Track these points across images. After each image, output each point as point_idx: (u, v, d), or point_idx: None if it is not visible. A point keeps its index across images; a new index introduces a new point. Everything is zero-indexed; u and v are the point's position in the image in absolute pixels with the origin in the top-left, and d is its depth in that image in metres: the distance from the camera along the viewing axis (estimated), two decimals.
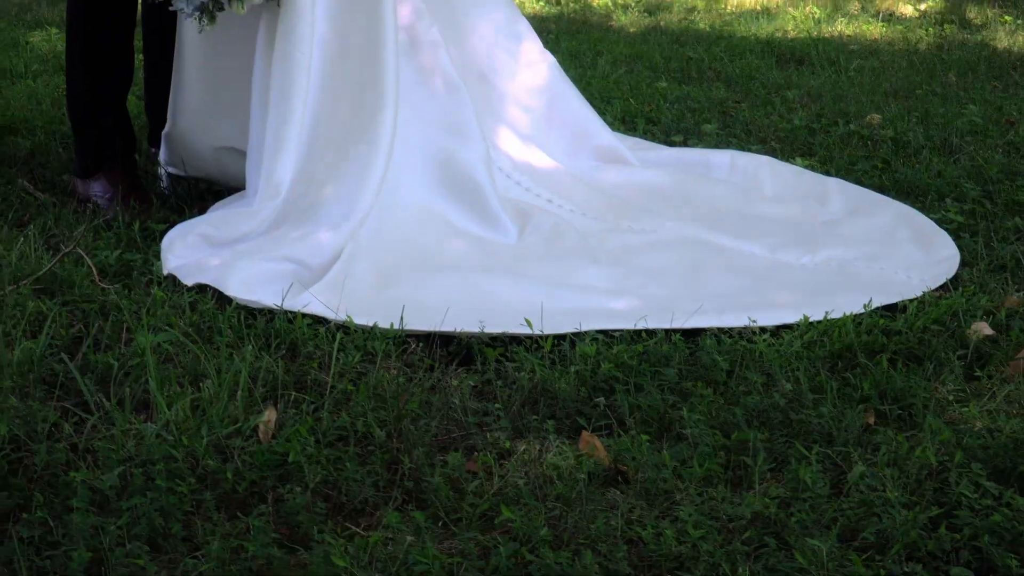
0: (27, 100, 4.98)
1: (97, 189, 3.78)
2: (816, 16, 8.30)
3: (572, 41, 6.90)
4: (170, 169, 3.98)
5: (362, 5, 3.47)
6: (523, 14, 4.15)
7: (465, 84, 3.64)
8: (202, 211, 3.68)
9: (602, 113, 4.84)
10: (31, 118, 4.67)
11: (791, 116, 5.19)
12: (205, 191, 3.91)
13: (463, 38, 3.87)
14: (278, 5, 3.44)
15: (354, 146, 3.39)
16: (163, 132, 3.98)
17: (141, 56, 4.16)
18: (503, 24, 3.96)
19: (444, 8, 3.79)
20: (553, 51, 4.21)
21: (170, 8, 3.40)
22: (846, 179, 4.23)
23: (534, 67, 3.99)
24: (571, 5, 8.74)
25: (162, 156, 4.01)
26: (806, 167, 4.37)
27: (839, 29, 7.77)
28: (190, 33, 3.75)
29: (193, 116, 3.86)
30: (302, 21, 3.39)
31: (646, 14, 8.44)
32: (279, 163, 3.37)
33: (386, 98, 3.41)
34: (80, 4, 3.74)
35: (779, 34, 7.54)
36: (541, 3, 8.77)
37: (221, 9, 3.35)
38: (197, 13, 3.35)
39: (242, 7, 3.35)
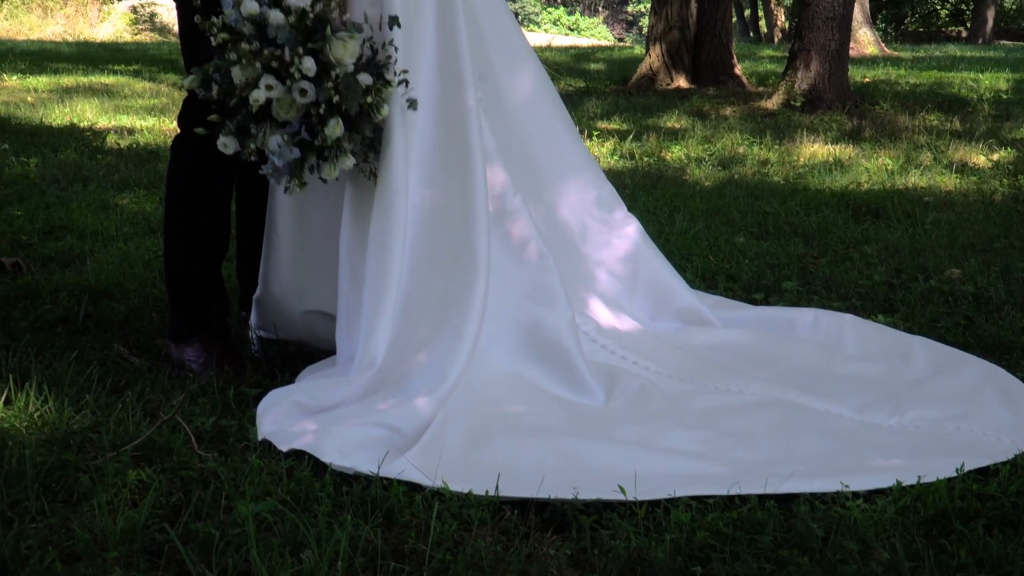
0: (119, 263, 5.10)
1: (191, 354, 3.86)
2: (889, 168, 8.36)
3: (648, 197, 6.99)
4: (261, 333, 4.06)
5: (456, 175, 3.57)
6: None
7: (552, 251, 3.72)
8: (293, 374, 3.74)
9: (682, 270, 4.89)
10: (124, 282, 4.79)
11: (870, 271, 5.22)
12: (295, 354, 3.98)
13: (551, 206, 3.98)
14: (367, 177, 3.53)
15: (447, 317, 3.46)
16: (254, 296, 4.08)
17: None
18: (589, 190, 4.06)
19: (530, 177, 3.90)
20: (630, 207, 4.29)
21: (260, 172, 3.50)
22: (929, 336, 4.25)
23: (620, 233, 4.07)
24: (645, 159, 8.85)
25: (253, 320, 4.10)
26: (888, 324, 4.40)
27: (912, 181, 7.81)
28: (282, 201, 3.87)
29: (284, 281, 3.96)
30: (398, 196, 3.49)
31: (720, 167, 8.53)
32: (375, 334, 3.44)
33: (478, 269, 3.49)
34: (179, 179, 3.86)
35: (853, 186, 7.60)
36: (616, 158, 8.89)
37: (313, 171, 3.44)
38: (286, 176, 3.44)
39: (333, 169, 3.45)
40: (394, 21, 3.44)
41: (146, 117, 10.71)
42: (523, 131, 3.96)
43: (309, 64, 3.30)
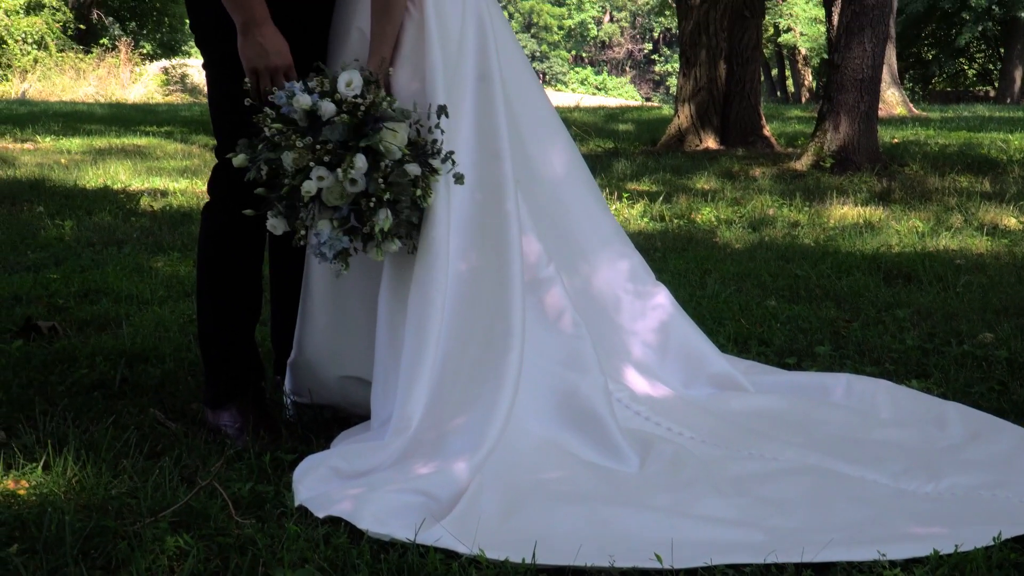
0: (155, 327, 5.14)
1: (227, 419, 3.89)
2: (919, 230, 8.36)
3: (679, 260, 7.00)
4: (295, 398, 4.08)
5: (492, 241, 3.61)
6: (628, 231, 4.27)
7: (586, 320, 3.74)
8: (328, 439, 3.76)
9: (715, 335, 4.90)
10: (160, 346, 4.82)
11: (903, 336, 5.21)
12: (330, 419, 4.00)
13: (585, 278, 4.01)
14: (409, 252, 3.57)
15: (483, 383, 3.48)
16: (288, 361, 4.10)
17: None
18: (621, 262, 4.09)
19: (563, 249, 3.94)
20: (661, 270, 4.31)
21: (316, 259, 3.56)
22: (963, 402, 4.24)
23: (653, 303, 4.10)
24: (675, 221, 8.87)
25: (287, 385, 4.12)
26: (922, 389, 4.39)
27: (943, 243, 7.81)
28: (317, 267, 3.90)
29: (319, 346, 3.98)
30: (439, 261, 3.53)
31: (750, 229, 8.54)
32: (411, 398, 3.47)
33: (513, 335, 3.52)
34: (210, 245, 3.90)
35: (884, 249, 7.60)
36: (646, 220, 8.91)
37: (358, 252, 3.50)
38: (333, 260, 3.50)
39: (380, 253, 3.50)
40: (442, 111, 3.50)
41: (178, 179, 10.80)
42: (555, 204, 4.00)
43: (361, 163, 3.37)
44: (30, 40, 31.80)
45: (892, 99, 22.34)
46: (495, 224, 3.63)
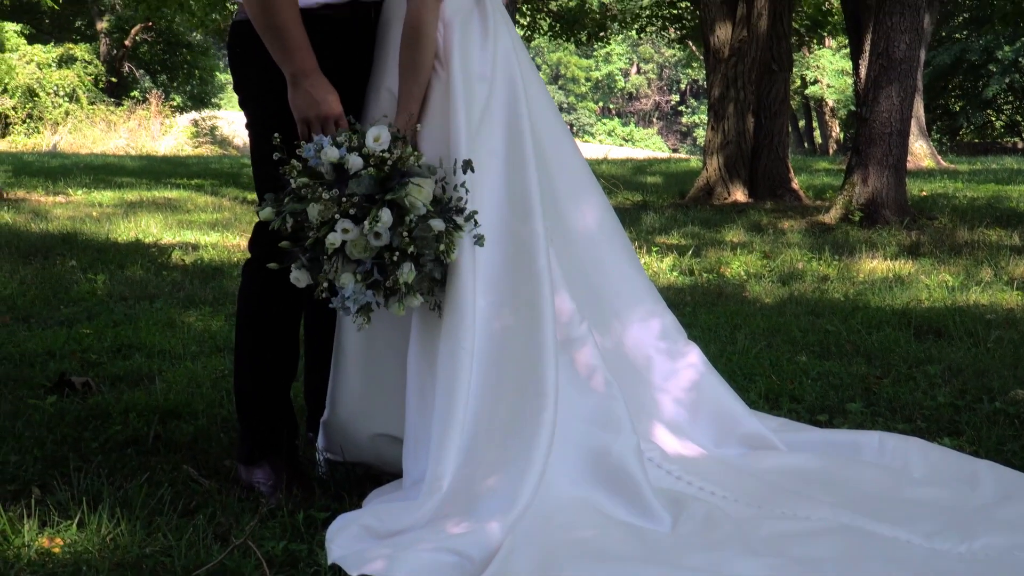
0: (187, 383, 5.16)
1: (260, 476, 3.90)
2: (949, 284, 8.34)
3: (709, 315, 7.00)
4: (328, 455, 4.10)
5: (524, 300, 3.62)
6: (657, 285, 4.28)
7: (617, 378, 3.75)
8: (361, 496, 3.77)
9: (745, 391, 4.90)
10: (192, 402, 4.85)
11: (934, 392, 5.20)
12: (363, 476, 4.00)
13: (617, 337, 4.02)
14: (431, 308, 3.60)
15: (516, 443, 3.49)
16: (321, 419, 4.12)
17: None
18: (653, 320, 4.10)
19: (595, 306, 3.95)
20: (691, 324, 4.30)
21: (330, 305, 3.58)
22: (995, 460, 4.22)
23: (684, 362, 4.11)
24: (704, 275, 8.88)
25: (320, 442, 4.13)
26: (954, 447, 4.38)
27: (974, 298, 7.79)
28: (349, 326, 3.92)
29: (351, 405, 4.00)
30: (466, 320, 3.55)
31: (779, 283, 8.54)
32: (443, 458, 3.47)
33: (546, 395, 3.52)
34: (251, 304, 3.93)
35: (913, 304, 7.58)
36: (675, 274, 8.92)
37: (380, 307, 3.53)
38: (355, 315, 3.52)
39: (401, 308, 3.52)
40: (467, 165, 3.52)
41: (209, 232, 10.87)
42: (587, 261, 4.02)
43: (386, 217, 3.39)
44: (62, 93, 32.14)
45: (920, 151, 22.35)
46: (527, 282, 3.64)
